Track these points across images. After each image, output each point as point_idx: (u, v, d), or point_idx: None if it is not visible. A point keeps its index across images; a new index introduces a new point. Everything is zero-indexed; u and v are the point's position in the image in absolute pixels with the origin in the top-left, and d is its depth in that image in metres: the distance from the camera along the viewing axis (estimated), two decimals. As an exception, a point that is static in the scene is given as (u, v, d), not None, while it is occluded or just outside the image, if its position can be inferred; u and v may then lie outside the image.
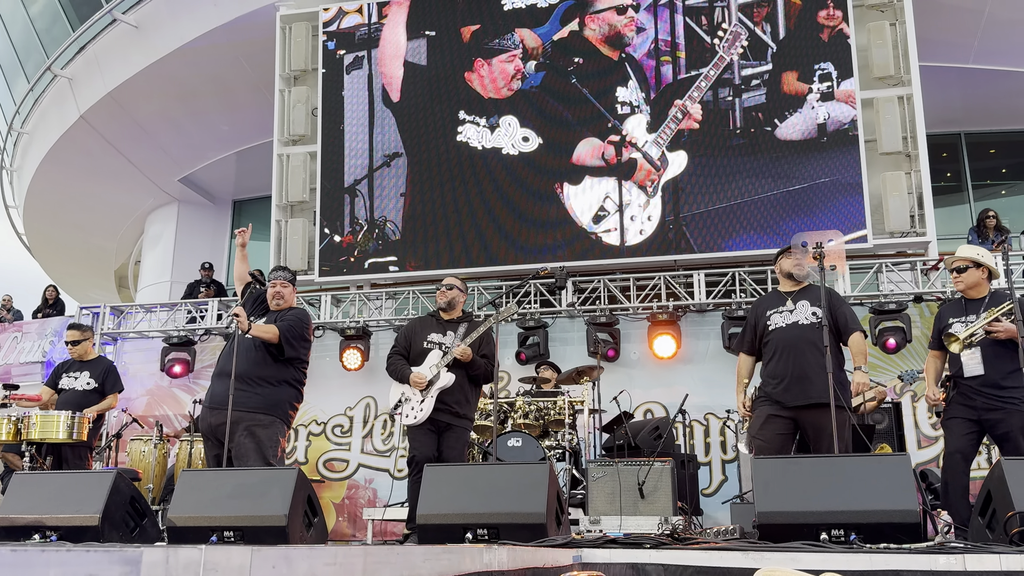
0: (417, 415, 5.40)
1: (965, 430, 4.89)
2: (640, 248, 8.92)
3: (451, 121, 9.56)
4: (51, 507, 4.10)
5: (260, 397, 4.98)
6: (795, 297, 5.03)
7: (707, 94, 9.04)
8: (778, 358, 4.92)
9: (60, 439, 6.08)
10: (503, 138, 9.39)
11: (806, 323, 4.90)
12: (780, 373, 4.89)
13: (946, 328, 5.01)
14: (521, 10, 9.64)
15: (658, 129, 9.04)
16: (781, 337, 4.95)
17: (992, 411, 4.80)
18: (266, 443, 4.91)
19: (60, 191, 14.17)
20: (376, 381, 9.22)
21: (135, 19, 11.39)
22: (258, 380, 5.01)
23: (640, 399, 8.44)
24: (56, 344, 10.50)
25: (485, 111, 9.51)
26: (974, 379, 4.84)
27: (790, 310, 4.98)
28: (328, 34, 10.16)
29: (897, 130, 8.54)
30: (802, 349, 4.83)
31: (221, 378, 5.04)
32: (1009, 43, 10.44)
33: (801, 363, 4.81)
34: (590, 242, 9.02)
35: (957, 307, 5.12)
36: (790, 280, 5.10)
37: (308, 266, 9.69)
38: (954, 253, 5.18)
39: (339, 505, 8.98)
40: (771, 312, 5.04)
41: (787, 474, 3.81)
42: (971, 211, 11.81)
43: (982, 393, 4.83)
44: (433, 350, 5.51)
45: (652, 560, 3.50)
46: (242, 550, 1.69)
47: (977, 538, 3.75)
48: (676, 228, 8.87)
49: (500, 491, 3.89)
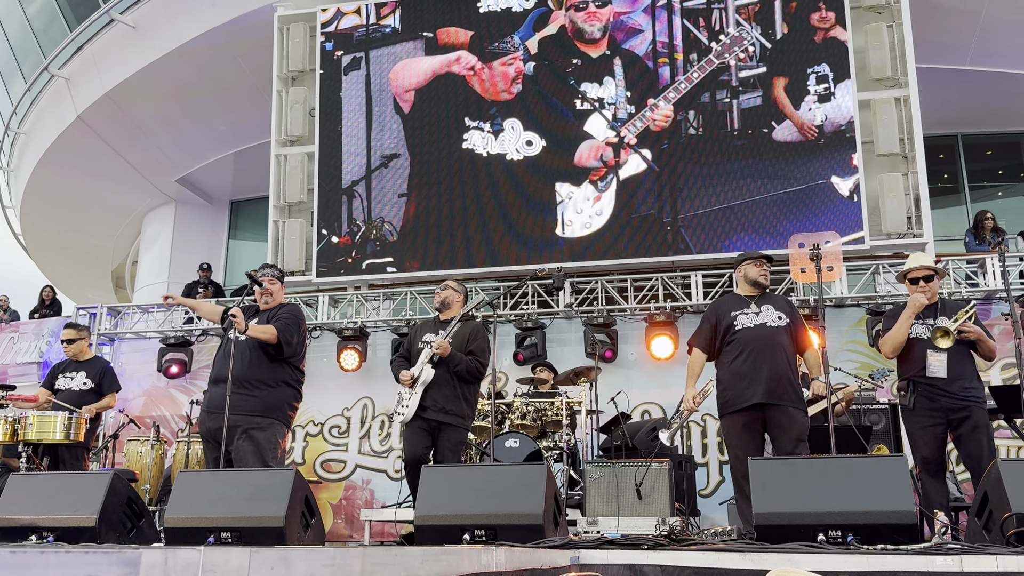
0: (404, 412, 5.45)
1: (935, 431, 4.93)
2: (583, 241, 8.97)
3: (457, 128, 9.57)
4: (48, 508, 4.10)
5: (257, 400, 4.94)
6: (758, 301, 5.16)
7: (704, 95, 9.05)
8: (745, 357, 5.01)
9: (57, 440, 6.07)
10: (507, 143, 9.39)
11: (773, 325, 5.03)
12: (748, 372, 4.97)
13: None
14: (496, 13, 9.68)
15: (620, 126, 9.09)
16: (750, 337, 5.03)
17: (958, 410, 4.88)
18: (265, 446, 4.89)
19: (57, 191, 14.15)
20: (374, 382, 9.22)
21: (133, 19, 11.38)
22: (255, 383, 4.97)
23: (637, 400, 8.45)
24: (53, 344, 10.49)
25: (488, 115, 9.53)
26: (939, 379, 4.89)
27: (756, 312, 5.10)
28: (326, 35, 10.16)
29: (894, 132, 8.55)
30: (772, 349, 4.96)
31: (218, 382, 4.99)
32: (1006, 45, 10.46)
33: (771, 362, 4.93)
34: (581, 242, 9.03)
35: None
36: (753, 286, 5.21)
37: (306, 267, 9.69)
38: (906, 265, 5.25)
39: (336, 506, 8.98)
40: (736, 313, 5.13)
41: (784, 475, 3.82)
42: (968, 213, 11.83)
43: (947, 393, 4.89)
44: (424, 349, 5.55)
45: (649, 561, 3.50)
46: (240, 551, 1.69)
47: (974, 539, 3.76)
48: (673, 229, 8.88)
49: (498, 492, 3.89)
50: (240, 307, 5.07)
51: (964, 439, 4.88)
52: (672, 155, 9.00)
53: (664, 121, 9.05)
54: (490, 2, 9.71)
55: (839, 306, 8.44)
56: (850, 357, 8.00)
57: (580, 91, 9.31)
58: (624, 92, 9.21)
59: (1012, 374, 7.38)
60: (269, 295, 5.25)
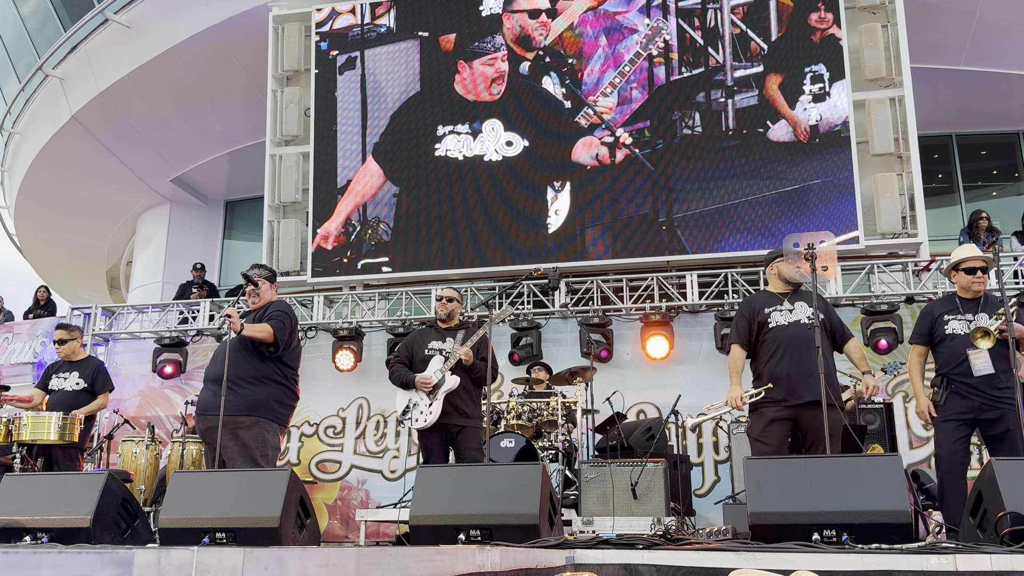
0: (427, 418, 5.58)
1: (961, 432, 4.89)
2: (559, 236, 9.09)
3: (430, 137, 9.58)
4: (42, 509, 4.09)
5: (240, 399, 4.92)
6: (791, 298, 5.04)
7: (699, 95, 9.06)
8: (780, 355, 4.90)
9: (51, 440, 6.06)
10: (488, 143, 9.40)
11: (807, 323, 4.89)
12: (783, 371, 4.87)
13: (940, 325, 5.01)
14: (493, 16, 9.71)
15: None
16: (784, 335, 4.93)
17: (989, 410, 4.81)
18: (250, 444, 4.88)
19: (51, 191, 14.12)
20: (369, 382, 9.21)
21: (127, 19, 11.36)
22: (238, 381, 4.94)
23: (633, 400, 8.45)
24: (47, 345, 10.47)
25: (467, 117, 9.54)
26: (975, 378, 4.82)
27: (789, 309, 4.99)
28: (321, 35, 10.15)
29: (889, 132, 8.57)
30: (806, 347, 4.82)
31: (206, 383, 5.10)
32: (1000, 45, 10.49)
33: (806, 361, 4.80)
34: (582, 242, 9.04)
35: (950, 303, 5.11)
36: (784, 283, 5.11)
37: (301, 267, 9.68)
38: (958, 255, 5.17)
39: (332, 506, 8.97)
40: (770, 310, 5.02)
41: (779, 475, 3.82)
42: (962, 212, 11.86)
43: (981, 392, 4.82)
44: (435, 356, 5.71)
45: (645, 561, 3.51)
46: (234, 552, 1.69)
47: (968, 538, 3.77)
48: (669, 228, 8.89)
49: (493, 492, 3.89)
50: (239, 310, 5.09)
51: (995, 442, 4.83)
52: (666, 155, 9.00)
53: (605, 111, 9.09)
54: (492, 4, 9.70)
55: (834, 306, 8.43)
56: (845, 357, 7.99)
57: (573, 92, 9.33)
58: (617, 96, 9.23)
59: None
60: (257, 295, 5.24)
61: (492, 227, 9.26)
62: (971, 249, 5.24)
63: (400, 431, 9.01)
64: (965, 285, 5.07)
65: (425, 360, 5.72)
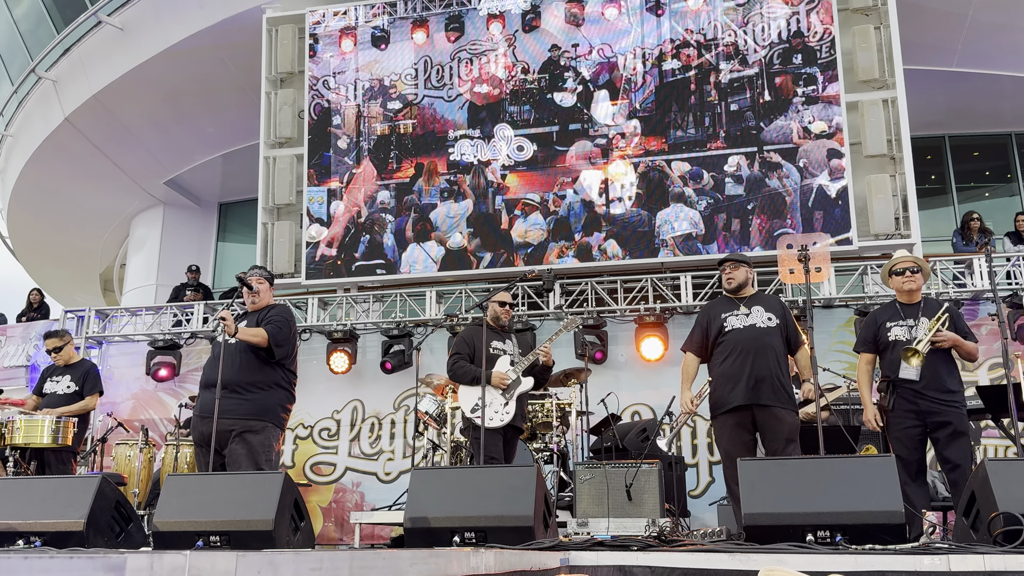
0: (503, 418, 5.54)
1: (913, 432, 4.94)
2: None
3: (444, 141, 9.59)
4: (35, 512, 4.07)
5: (251, 403, 4.89)
6: (747, 303, 5.20)
7: (692, 97, 9.07)
8: (734, 358, 5.04)
9: (44, 444, 6.04)
10: (499, 146, 9.41)
11: (763, 326, 5.06)
12: (735, 373, 5.00)
13: (883, 332, 5.09)
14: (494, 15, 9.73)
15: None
16: (739, 338, 5.07)
17: (936, 414, 4.87)
18: (258, 449, 4.86)
19: (44, 194, 14.08)
20: (363, 384, 9.20)
21: (120, 21, 11.33)
22: (247, 386, 4.92)
23: (627, 401, 8.47)
24: (41, 348, 10.41)
25: (464, 119, 9.54)
26: (914, 383, 4.88)
27: (745, 313, 5.15)
28: (315, 36, 10.13)
29: (882, 133, 8.59)
30: (760, 350, 4.99)
31: (209, 386, 4.94)
32: (992, 47, 10.53)
33: (758, 364, 4.96)
34: (576, 245, 9.04)
35: (892, 310, 5.19)
36: (739, 288, 5.26)
37: (295, 269, 9.66)
38: (891, 259, 5.28)
39: (326, 509, 8.95)
40: (726, 315, 5.18)
41: (773, 476, 3.83)
42: (955, 213, 11.90)
43: (926, 396, 4.89)
44: (501, 356, 5.71)
45: (639, 562, 3.51)
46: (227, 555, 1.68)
47: (961, 539, 3.78)
48: (661, 234, 8.89)
49: (488, 494, 3.89)
50: (232, 312, 5.05)
51: (942, 444, 4.89)
52: (660, 155, 9.01)
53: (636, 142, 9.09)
54: (490, 6, 9.71)
55: (827, 307, 8.47)
56: (838, 358, 8.02)
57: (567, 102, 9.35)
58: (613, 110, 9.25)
59: (999, 374, 7.42)
60: (256, 296, 5.21)
61: (488, 229, 9.26)
62: (903, 252, 5.38)
63: (395, 433, 9.01)
64: (897, 287, 5.17)
65: (492, 360, 5.63)
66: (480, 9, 9.73)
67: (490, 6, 9.70)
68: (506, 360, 5.64)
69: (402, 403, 9.05)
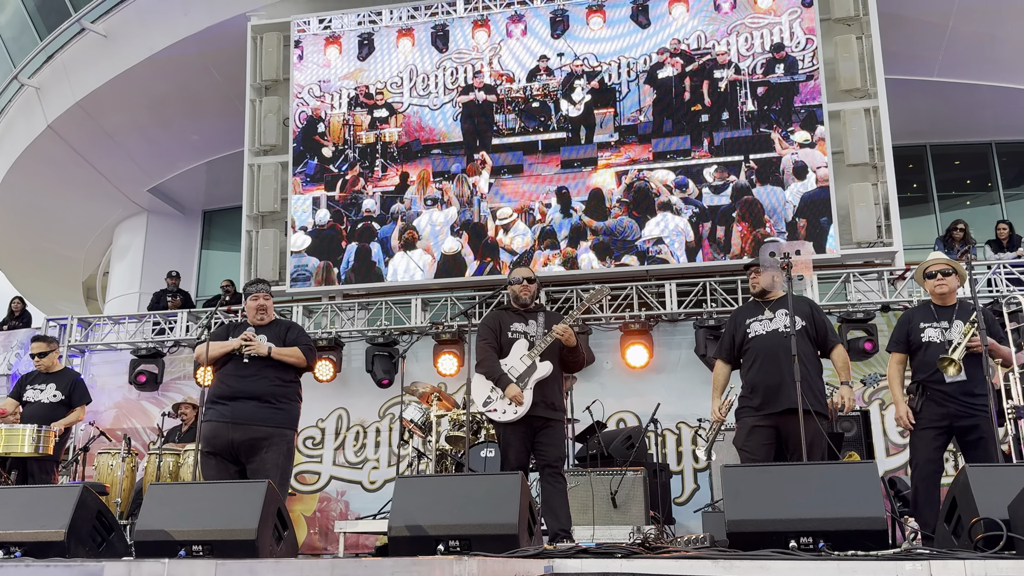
0: (517, 410, 4.99)
1: (937, 442, 4.93)
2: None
3: (429, 149, 9.60)
4: (16, 522, 4.02)
5: (285, 414, 5.08)
6: (772, 306, 5.06)
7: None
8: (758, 366, 4.94)
9: (25, 453, 5.99)
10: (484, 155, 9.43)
11: (786, 331, 4.89)
12: (759, 381, 4.91)
13: (916, 333, 5.06)
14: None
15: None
16: (761, 345, 4.97)
17: (965, 418, 4.85)
18: (289, 458, 5.06)
19: (27, 201, 13.97)
20: (348, 393, 9.17)
21: (104, 28, 11.29)
22: (281, 399, 5.07)
23: (612, 408, 8.46)
24: (22, 357, 10.33)
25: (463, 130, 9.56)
26: (950, 385, 4.85)
27: (769, 318, 5.01)
28: (300, 44, 10.12)
29: (864, 142, 8.66)
30: (782, 356, 4.84)
31: (238, 398, 4.95)
32: (972, 57, 10.64)
33: (781, 370, 4.82)
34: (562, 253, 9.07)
35: (926, 312, 5.16)
36: (765, 293, 5.14)
37: (279, 277, 9.63)
38: (924, 261, 5.25)
39: (311, 518, 8.89)
40: (751, 320, 5.06)
41: (756, 482, 3.83)
42: (937, 222, 12.00)
43: (956, 400, 4.86)
44: (519, 340, 5.15)
45: (623, 570, 3.51)
46: (206, 564, 1.67)
47: (942, 544, 3.80)
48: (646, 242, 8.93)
49: (472, 502, 3.88)
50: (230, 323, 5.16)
51: (970, 448, 4.87)
52: (646, 164, 9.05)
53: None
54: (476, 15, 9.74)
55: (811, 314, 8.50)
56: (824, 364, 8.04)
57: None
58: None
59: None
60: (264, 311, 5.23)
61: (474, 237, 9.26)
62: (938, 255, 5.34)
63: (380, 442, 8.98)
64: (930, 289, 5.16)
65: (509, 343, 5.12)
66: (465, 18, 9.76)
67: (476, 15, 9.74)
68: (523, 343, 5.12)
69: (387, 411, 9.02)
